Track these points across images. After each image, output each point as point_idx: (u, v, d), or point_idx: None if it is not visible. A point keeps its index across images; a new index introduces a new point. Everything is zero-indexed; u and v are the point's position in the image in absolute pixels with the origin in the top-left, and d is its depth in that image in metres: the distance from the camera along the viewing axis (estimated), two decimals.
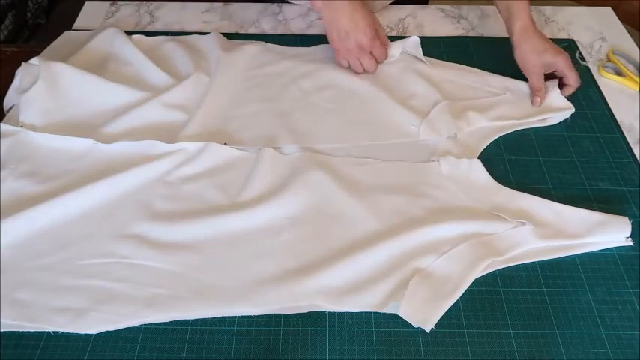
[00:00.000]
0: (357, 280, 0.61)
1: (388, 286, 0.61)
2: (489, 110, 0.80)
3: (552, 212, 0.68)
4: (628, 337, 0.59)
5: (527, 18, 0.82)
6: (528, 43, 0.81)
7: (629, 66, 0.90)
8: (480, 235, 0.65)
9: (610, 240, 0.66)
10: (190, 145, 0.74)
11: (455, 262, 0.63)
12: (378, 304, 0.60)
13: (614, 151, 0.78)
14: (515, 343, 0.58)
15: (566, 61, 0.81)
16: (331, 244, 0.64)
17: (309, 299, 0.60)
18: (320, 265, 0.62)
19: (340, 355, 0.57)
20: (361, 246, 0.64)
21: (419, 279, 0.61)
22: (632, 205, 0.71)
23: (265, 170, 0.71)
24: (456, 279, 0.61)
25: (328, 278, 0.61)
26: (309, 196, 0.69)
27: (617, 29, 1.00)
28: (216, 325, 0.59)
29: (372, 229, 0.66)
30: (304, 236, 0.65)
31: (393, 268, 0.62)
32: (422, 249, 0.64)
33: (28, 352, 0.57)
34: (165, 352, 0.57)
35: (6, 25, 0.96)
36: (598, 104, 0.85)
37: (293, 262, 0.63)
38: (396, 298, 0.60)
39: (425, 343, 0.58)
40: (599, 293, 0.62)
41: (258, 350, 0.57)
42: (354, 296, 0.60)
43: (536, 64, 0.81)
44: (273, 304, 0.60)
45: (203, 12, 1.01)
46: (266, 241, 0.65)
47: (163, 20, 0.99)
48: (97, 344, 0.57)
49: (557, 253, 0.65)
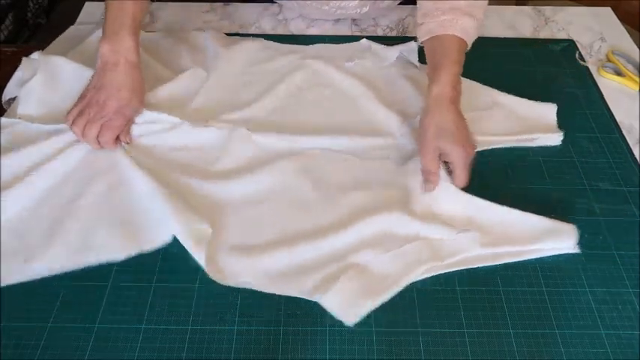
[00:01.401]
0: (290, 266, 0.63)
1: (320, 276, 0.62)
2: (471, 124, 0.77)
3: (501, 219, 0.67)
4: (628, 337, 0.59)
5: (448, 86, 0.70)
6: (435, 117, 0.69)
7: (628, 66, 0.90)
8: (425, 238, 0.65)
9: (557, 247, 0.65)
10: (175, 119, 0.77)
11: (395, 262, 0.63)
12: (305, 292, 0.61)
13: (614, 151, 0.78)
14: (515, 343, 0.58)
15: (461, 158, 0.67)
16: (279, 228, 0.67)
17: (242, 277, 0.62)
18: (263, 247, 0.65)
19: (340, 355, 0.57)
20: (308, 235, 0.65)
21: (354, 273, 0.62)
22: (632, 205, 0.71)
23: (235, 149, 0.75)
24: (393, 278, 0.62)
25: (265, 260, 0.63)
26: (270, 180, 0.71)
27: (617, 29, 1.00)
28: (216, 325, 0.59)
29: (324, 221, 0.67)
30: (255, 217, 0.68)
31: (331, 259, 0.63)
32: (366, 244, 0.65)
33: (28, 352, 0.57)
34: (165, 352, 0.57)
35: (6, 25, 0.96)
36: (598, 104, 0.85)
37: (239, 238, 0.66)
38: (325, 289, 0.61)
39: (425, 343, 0.58)
40: (599, 293, 0.62)
41: (258, 350, 0.57)
42: (283, 281, 0.62)
43: (430, 144, 0.69)
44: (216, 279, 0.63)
45: (203, 12, 1.01)
46: (222, 213, 0.68)
47: (164, 20, 0.99)
48: (97, 344, 0.57)
49: (502, 259, 0.65)
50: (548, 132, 0.78)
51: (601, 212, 0.70)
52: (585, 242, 0.67)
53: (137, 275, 0.63)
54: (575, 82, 0.88)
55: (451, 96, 0.70)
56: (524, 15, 1.03)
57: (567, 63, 0.92)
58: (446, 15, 0.74)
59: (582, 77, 0.89)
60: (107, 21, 0.76)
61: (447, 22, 0.74)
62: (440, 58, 0.73)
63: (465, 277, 0.63)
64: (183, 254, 0.65)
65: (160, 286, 0.62)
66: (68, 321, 0.59)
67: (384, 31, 0.98)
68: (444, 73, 0.71)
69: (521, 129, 0.79)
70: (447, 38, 0.74)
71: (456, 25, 0.73)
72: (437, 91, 0.71)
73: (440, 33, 0.74)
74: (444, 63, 0.72)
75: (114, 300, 0.61)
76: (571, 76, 0.90)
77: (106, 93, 0.74)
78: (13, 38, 1.27)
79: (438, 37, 0.74)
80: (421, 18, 0.77)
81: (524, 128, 0.79)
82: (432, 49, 0.76)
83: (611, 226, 0.69)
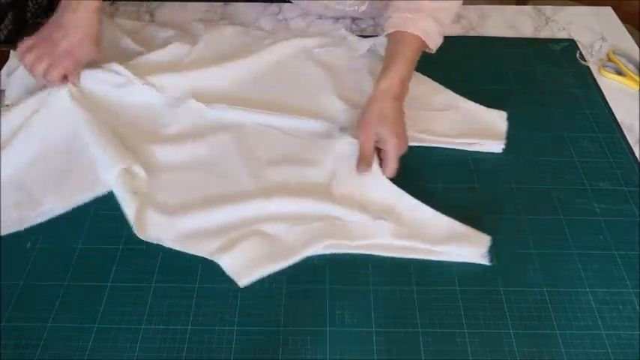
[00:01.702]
0: (203, 228, 0.66)
1: (226, 239, 0.65)
2: (420, 122, 0.78)
3: (416, 214, 0.68)
4: (628, 337, 0.59)
5: (396, 80, 0.73)
6: (379, 105, 0.72)
7: (629, 66, 0.90)
8: (338, 219, 0.67)
9: (466, 254, 0.65)
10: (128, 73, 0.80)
11: (301, 236, 0.65)
12: (208, 253, 0.64)
13: (614, 151, 0.78)
14: (515, 343, 0.58)
15: (395, 148, 0.70)
16: (203, 193, 0.70)
17: (161, 234, 0.65)
18: (183, 208, 0.68)
19: (340, 355, 0.57)
20: (225, 201, 0.68)
21: (257, 239, 0.65)
22: (632, 205, 0.71)
23: (183, 117, 0.79)
24: (294, 249, 0.64)
25: (182, 220, 0.66)
26: (207, 149, 0.75)
27: (617, 29, 1.00)
28: (216, 325, 0.59)
29: (245, 190, 0.70)
30: (184, 181, 0.71)
31: (241, 225, 0.66)
32: (279, 217, 0.67)
33: (28, 352, 0.57)
34: (165, 352, 0.57)
35: (6, 25, 0.96)
36: (598, 104, 0.85)
37: (164, 198, 0.69)
38: (226, 250, 0.64)
39: (425, 343, 0.58)
40: (599, 293, 0.62)
41: (258, 350, 0.57)
42: (193, 242, 0.65)
43: (369, 128, 0.71)
44: None
45: (203, 12, 1.01)
46: (155, 174, 0.72)
47: (163, 20, 0.99)
48: (97, 344, 0.57)
49: (411, 253, 0.65)
50: (496, 139, 0.78)
51: (601, 212, 0.70)
52: (585, 242, 0.67)
53: (137, 275, 0.63)
54: (575, 82, 0.88)
55: (396, 91, 0.73)
56: (525, 15, 1.03)
57: (568, 63, 0.92)
58: (411, 14, 0.77)
59: (583, 77, 0.89)
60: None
61: (410, 21, 0.76)
62: (394, 53, 0.76)
63: (465, 277, 0.63)
64: (184, 254, 0.65)
65: (160, 286, 0.62)
66: (68, 321, 0.59)
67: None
68: (394, 68, 0.74)
69: (467, 133, 0.78)
70: (407, 35, 0.76)
71: (416, 24, 0.76)
72: (385, 85, 0.74)
73: (402, 29, 0.77)
74: (396, 59, 0.75)
75: (114, 300, 0.61)
76: (571, 75, 0.90)
77: (61, 32, 0.75)
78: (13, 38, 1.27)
79: (399, 32, 0.77)
80: (391, 12, 0.80)
81: (471, 133, 0.79)
82: (391, 43, 0.79)
83: (611, 226, 0.69)
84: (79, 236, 0.67)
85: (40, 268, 0.64)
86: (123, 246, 0.66)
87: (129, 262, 0.64)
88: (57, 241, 0.66)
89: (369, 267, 0.64)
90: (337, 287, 0.62)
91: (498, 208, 0.70)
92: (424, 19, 0.76)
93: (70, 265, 0.64)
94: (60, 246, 0.66)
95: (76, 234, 0.67)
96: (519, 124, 0.81)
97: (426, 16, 0.76)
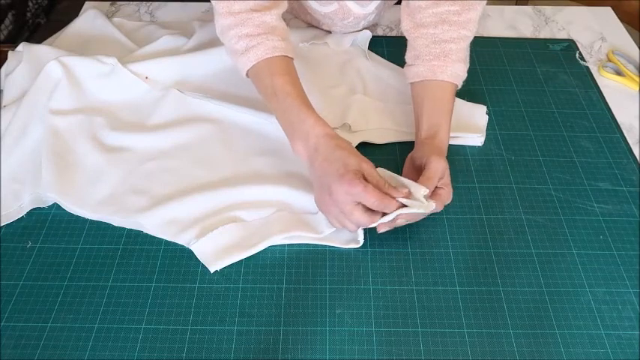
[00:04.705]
0: (180, 215, 0.67)
1: (201, 226, 0.66)
2: (399, 116, 0.78)
3: None
4: (628, 337, 0.59)
5: (445, 141, 0.70)
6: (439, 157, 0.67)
7: (629, 66, 0.90)
8: (309, 212, 0.68)
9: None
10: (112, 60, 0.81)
11: (270, 225, 0.67)
12: (186, 241, 0.65)
13: (614, 151, 0.78)
14: (515, 343, 0.58)
15: (449, 195, 0.66)
16: (182, 182, 0.71)
17: (138, 219, 0.67)
18: (167, 197, 0.69)
19: (340, 355, 0.57)
20: (203, 189, 0.69)
21: (232, 227, 0.66)
22: (632, 205, 0.71)
23: (166, 107, 0.79)
24: (259, 238, 0.65)
25: (160, 207, 0.67)
26: (188, 137, 0.76)
27: (617, 29, 1.00)
28: (216, 325, 0.59)
29: (222, 179, 0.71)
30: (163, 168, 0.73)
31: (216, 213, 0.67)
32: (254, 205, 0.69)
33: (28, 352, 0.57)
34: (165, 352, 0.57)
35: (6, 25, 0.96)
36: (598, 104, 0.85)
37: (143, 184, 0.71)
38: (200, 237, 0.65)
39: (425, 343, 0.58)
40: (599, 293, 0.62)
41: (258, 350, 0.57)
42: (170, 229, 0.66)
43: (439, 167, 0.65)
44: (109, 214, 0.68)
45: (203, 12, 1.01)
46: (139, 163, 0.73)
47: (163, 20, 0.99)
48: (97, 344, 0.57)
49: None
50: (476, 132, 0.78)
51: (601, 212, 0.70)
52: (585, 242, 0.67)
53: (137, 275, 0.63)
54: (575, 82, 0.88)
55: (445, 150, 0.70)
56: (525, 15, 1.03)
57: (567, 63, 0.92)
58: (437, 60, 0.73)
59: (582, 77, 0.89)
60: (282, 123, 0.70)
61: (438, 68, 0.72)
62: (433, 108, 0.72)
63: (464, 277, 0.63)
64: (184, 254, 0.65)
65: (160, 286, 0.62)
66: (68, 321, 0.59)
67: (384, 31, 0.98)
68: (442, 131, 0.70)
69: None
70: (438, 84, 0.73)
71: (446, 71, 0.72)
72: (440, 146, 0.69)
73: (430, 78, 0.73)
74: (441, 121, 0.71)
75: (114, 300, 0.61)
76: (571, 75, 0.90)
77: None
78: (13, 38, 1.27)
79: (428, 81, 0.73)
80: (411, 59, 0.76)
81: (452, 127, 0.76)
82: (421, 93, 0.74)
83: (611, 226, 0.69)
84: (79, 236, 0.67)
85: (40, 268, 0.64)
86: (123, 246, 0.66)
87: (129, 262, 0.64)
88: (57, 241, 0.66)
89: (369, 267, 0.64)
90: (337, 287, 0.62)
91: (498, 208, 0.70)
92: (451, 64, 0.72)
93: (70, 265, 0.64)
94: (60, 246, 0.66)
95: (76, 234, 0.67)
96: (519, 124, 0.81)
97: (453, 62, 0.73)
